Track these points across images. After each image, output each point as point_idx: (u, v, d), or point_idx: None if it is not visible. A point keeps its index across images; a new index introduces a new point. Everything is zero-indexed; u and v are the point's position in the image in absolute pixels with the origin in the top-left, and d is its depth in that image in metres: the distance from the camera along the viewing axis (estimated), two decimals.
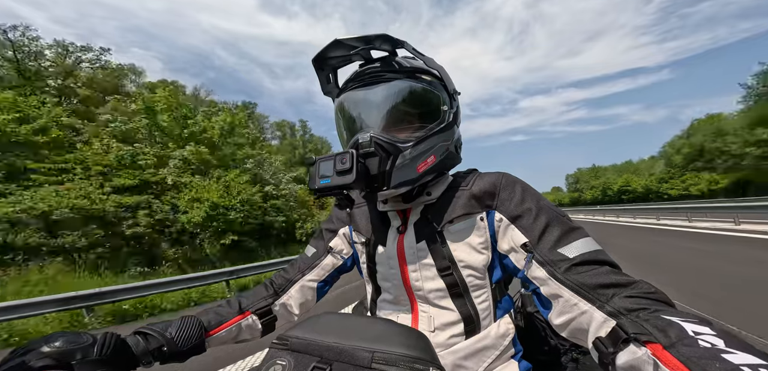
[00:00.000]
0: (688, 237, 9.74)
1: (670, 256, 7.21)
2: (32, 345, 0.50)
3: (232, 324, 0.76)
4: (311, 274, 0.87)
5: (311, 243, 0.93)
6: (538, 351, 0.87)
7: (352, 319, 0.58)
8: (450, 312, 0.68)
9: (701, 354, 0.34)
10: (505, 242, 0.66)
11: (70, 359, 0.50)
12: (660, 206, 20.30)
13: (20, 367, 0.47)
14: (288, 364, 0.50)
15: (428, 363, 0.47)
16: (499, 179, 0.69)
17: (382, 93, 0.67)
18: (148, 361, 0.63)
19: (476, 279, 0.68)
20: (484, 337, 0.67)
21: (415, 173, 0.65)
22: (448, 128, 0.71)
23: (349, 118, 0.72)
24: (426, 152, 0.66)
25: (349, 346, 0.50)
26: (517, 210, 0.65)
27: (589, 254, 0.56)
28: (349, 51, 0.67)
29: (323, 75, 0.73)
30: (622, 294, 0.49)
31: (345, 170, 0.59)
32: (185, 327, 0.68)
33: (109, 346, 0.54)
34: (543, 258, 0.59)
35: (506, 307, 0.73)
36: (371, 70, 0.69)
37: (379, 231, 0.77)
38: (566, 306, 0.54)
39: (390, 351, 0.48)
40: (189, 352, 0.69)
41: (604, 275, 0.53)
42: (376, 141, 0.62)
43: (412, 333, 0.54)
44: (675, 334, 0.38)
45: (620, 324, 0.44)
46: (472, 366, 0.66)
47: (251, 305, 0.81)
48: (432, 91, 0.69)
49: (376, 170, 0.62)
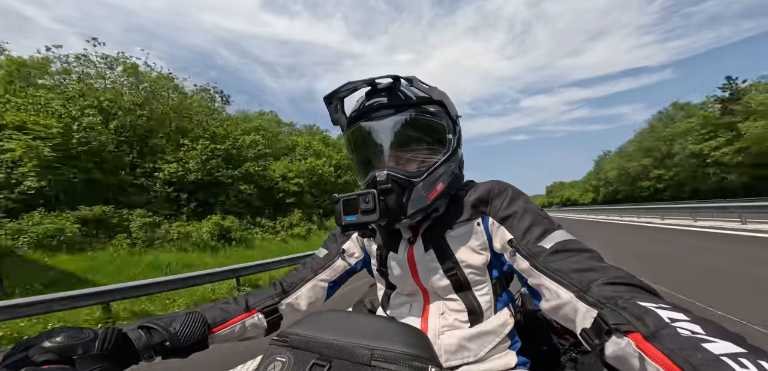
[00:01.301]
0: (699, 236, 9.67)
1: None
2: (34, 340, 0.50)
3: (238, 322, 0.78)
4: (323, 274, 0.91)
5: (323, 245, 0.97)
6: (538, 350, 0.87)
7: (352, 317, 0.58)
8: (456, 303, 0.76)
9: (683, 344, 0.35)
10: (497, 241, 0.73)
11: (72, 354, 0.51)
12: (665, 206, 20.24)
13: (22, 362, 0.47)
14: (288, 361, 0.50)
15: (427, 361, 0.47)
16: (492, 187, 0.76)
17: (392, 127, 0.72)
18: (149, 356, 0.64)
19: (477, 275, 0.75)
20: (487, 325, 0.74)
21: (427, 202, 0.70)
22: (454, 154, 0.77)
23: (362, 150, 0.77)
24: (436, 181, 0.72)
25: (349, 343, 0.50)
26: (506, 213, 0.72)
27: (563, 243, 0.61)
28: (358, 85, 0.73)
29: (332, 107, 0.78)
30: (599, 280, 0.51)
31: (369, 209, 0.65)
32: (189, 322, 0.69)
33: (110, 341, 0.55)
34: (526, 252, 0.65)
35: (506, 301, 0.79)
36: (378, 102, 0.73)
37: (392, 242, 0.83)
38: (549, 293, 0.58)
39: (389, 349, 0.48)
40: (191, 348, 0.69)
41: (578, 261, 0.57)
42: (392, 178, 0.68)
43: (412, 332, 0.54)
44: (652, 322, 0.39)
45: (601, 315, 0.46)
46: (474, 348, 0.73)
47: (258, 303, 0.82)
48: (438, 122, 0.74)
49: (393, 204, 0.68)
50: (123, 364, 0.59)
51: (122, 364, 0.58)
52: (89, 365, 0.51)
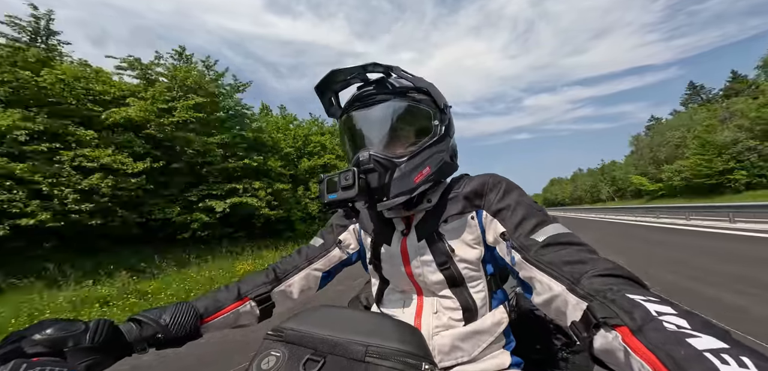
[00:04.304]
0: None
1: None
2: (24, 331, 0.50)
3: (230, 311, 0.78)
4: (318, 263, 0.91)
5: (319, 235, 0.97)
6: (531, 350, 0.88)
7: (346, 313, 0.58)
8: (450, 301, 0.75)
9: (666, 339, 0.35)
10: (490, 234, 0.73)
11: (62, 346, 0.50)
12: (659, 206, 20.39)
13: (12, 354, 0.47)
14: (282, 356, 0.50)
15: (421, 359, 0.47)
16: (486, 180, 0.76)
17: (378, 113, 0.74)
18: (142, 348, 0.64)
19: (471, 271, 0.74)
20: (481, 323, 0.74)
21: (412, 184, 0.70)
22: (441, 141, 0.76)
23: (351, 137, 0.79)
24: (421, 164, 0.72)
25: (344, 339, 0.50)
26: (499, 206, 0.72)
27: (556, 236, 0.61)
28: (347, 76, 0.75)
29: (325, 99, 0.80)
30: (589, 273, 0.51)
31: (348, 185, 0.65)
32: (179, 313, 0.69)
33: (101, 333, 0.54)
34: (518, 244, 0.64)
35: (501, 299, 0.79)
36: (368, 92, 0.76)
37: (385, 233, 0.83)
38: (541, 287, 0.58)
39: (384, 345, 0.48)
40: (184, 338, 0.70)
41: (570, 253, 0.57)
42: (374, 158, 0.69)
43: (407, 329, 0.54)
44: (640, 316, 0.39)
45: (590, 308, 0.45)
46: (468, 348, 0.73)
47: (250, 291, 0.82)
48: (423, 108, 0.76)
49: (376, 184, 0.68)
50: (115, 356, 0.58)
51: (114, 356, 0.58)
52: (80, 357, 0.51)
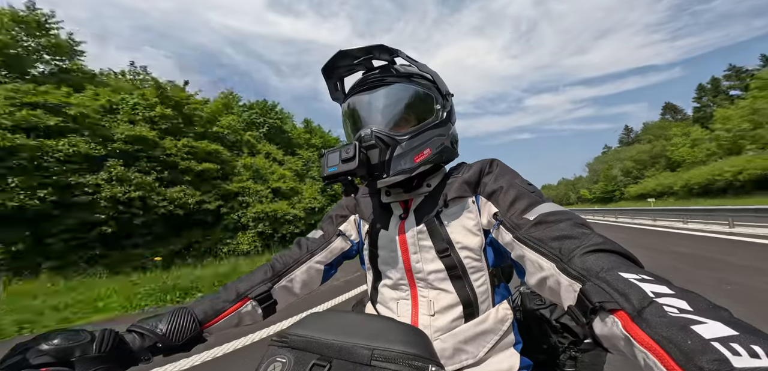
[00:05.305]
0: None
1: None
2: (31, 342, 0.50)
3: (232, 313, 0.75)
4: (319, 256, 0.88)
5: (318, 227, 0.95)
6: (537, 350, 0.87)
7: (351, 317, 0.58)
8: (449, 295, 0.72)
9: (669, 325, 0.33)
10: (484, 216, 0.72)
11: (70, 356, 0.50)
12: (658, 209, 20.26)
13: (20, 364, 0.47)
14: (288, 361, 0.50)
15: (428, 361, 0.47)
16: (484, 164, 0.77)
17: (382, 95, 0.76)
18: (147, 358, 0.63)
19: (473, 260, 0.72)
20: (483, 320, 0.71)
21: (412, 163, 0.71)
22: (442, 125, 0.78)
23: (354, 118, 0.80)
24: (421, 145, 0.73)
25: (349, 343, 0.50)
26: (493, 187, 0.72)
27: (548, 214, 0.59)
28: (353, 60, 0.76)
29: (331, 83, 0.82)
30: (579, 249, 0.49)
31: (349, 158, 0.66)
32: (176, 320, 0.67)
33: (108, 343, 0.54)
34: (510, 224, 0.64)
35: (504, 294, 0.77)
36: (373, 76, 0.78)
37: (382, 218, 0.83)
38: (531, 266, 0.57)
39: (389, 349, 0.48)
40: (188, 343, 0.68)
41: (559, 229, 0.55)
42: (376, 135, 0.70)
43: (412, 331, 0.54)
44: (637, 299, 0.37)
45: (584, 291, 0.44)
46: (472, 350, 0.70)
47: (249, 291, 0.79)
48: (426, 92, 0.77)
49: (376, 160, 0.69)
50: (122, 366, 0.58)
51: (121, 366, 0.58)
52: (88, 367, 0.51)
